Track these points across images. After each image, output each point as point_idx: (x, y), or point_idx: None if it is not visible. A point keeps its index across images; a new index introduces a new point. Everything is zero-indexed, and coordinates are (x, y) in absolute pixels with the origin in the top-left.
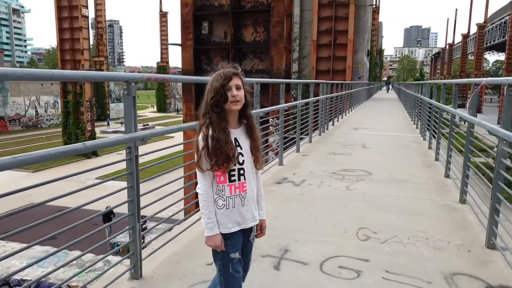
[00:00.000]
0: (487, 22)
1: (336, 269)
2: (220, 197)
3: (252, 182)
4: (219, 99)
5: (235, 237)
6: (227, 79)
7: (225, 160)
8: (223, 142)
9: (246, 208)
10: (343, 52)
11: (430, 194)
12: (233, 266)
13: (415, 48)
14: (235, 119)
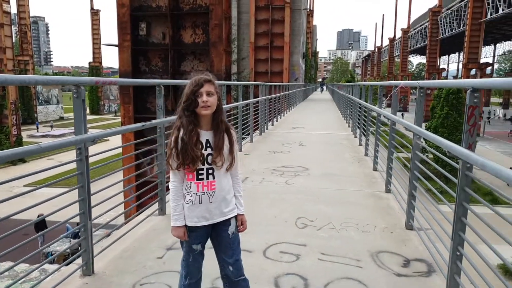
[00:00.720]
0: (410, 27)
1: (278, 254)
2: (188, 193)
3: (223, 181)
4: (190, 104)
5: (199, 231)
6: (198, 85)
7: (191, 161)
8: (190, 144)
9: (214, 205)
10: (280, 54)
11: (360, 185)
12: (193, 256)
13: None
14: (208, 122)
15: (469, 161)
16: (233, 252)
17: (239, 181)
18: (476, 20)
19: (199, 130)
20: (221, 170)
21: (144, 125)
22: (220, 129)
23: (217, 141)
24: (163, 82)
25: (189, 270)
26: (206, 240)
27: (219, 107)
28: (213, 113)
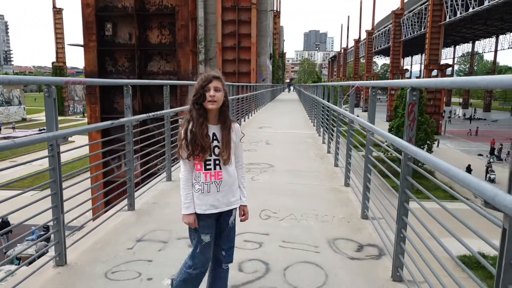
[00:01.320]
0: (375, 29)
1: (242, 242)
2: (197, 182)
3: (229, 171)
4: (199, 98)
5: (208, 220)
6: (206, 81)
7: (201, 150)
8: (199, 135)
9: (221, 194)
10: (247, 55)
11: (322, 180)
12: (201, 248)
13: (314, 52)
14: (215, 117)
15: (408, 152)
16: (228, 240)
17: (243, 173)
18: (436, 23)
19: (207, 124)
20: (224, 164)
21: (113, 123)
22: (227, 123)
23: (223, 134)
24: (131, 82)
25: (195, 262)
26: (213, 231)
27: (225, 103)
28: (220, 108)
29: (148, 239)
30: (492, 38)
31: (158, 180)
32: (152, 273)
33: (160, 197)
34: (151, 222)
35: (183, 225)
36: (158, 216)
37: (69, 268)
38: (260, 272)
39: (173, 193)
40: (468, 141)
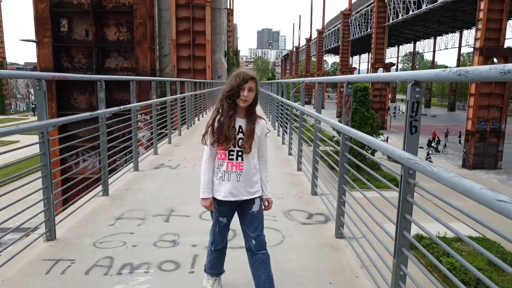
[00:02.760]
0: (325, 28)
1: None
2: (219, 170)
3: (251, 164)
4: (233, 94)
5: (226, 206)
6: (243, 80)
7: (225, 140)
8: (226, 126)
9: (241, 184)
10: (202, 52)
11: (278, 166)
12: (219, 227)
13: (267, 50)
14: (243, 111)
15: (345, 132)
16: (255, 228)
17: (266, 167)
18: (381, 24)
19: (235, 117)
20: (249, 154)
21: (92, 114)
22: (253, 118)
23: (249, 128)
24: (104, 78)
25: (215, 238)
26: (232, 215)
27: (255, 101)
28: (249, 105)
29: (127, 217)
30: (431, 39)
31: (126, 170)
32: (135, 241)
33: (131, 184)
34: (126, 205)
35: (157, 205)
36: (132, 199)
37: (59, 242)
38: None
39: (142, 181)
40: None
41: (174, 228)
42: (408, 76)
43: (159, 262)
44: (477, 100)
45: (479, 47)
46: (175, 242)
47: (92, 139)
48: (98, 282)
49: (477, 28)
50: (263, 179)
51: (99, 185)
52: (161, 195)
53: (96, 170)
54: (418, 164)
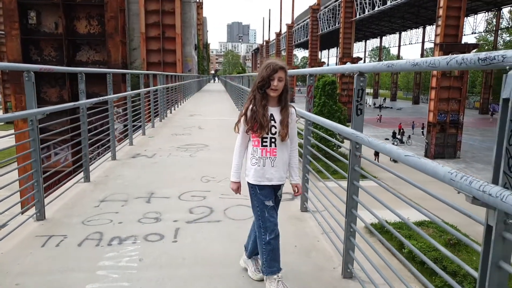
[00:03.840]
0: (294, 23)
1: (190, 197)
2: (254, 157)
3: (282, 150)
4: (264, 85)
5: (266, 189)
6: (273, 71)
7: (259, 127)
8: (260, 114)
9: (275, 169)
10: (172, 46)
11: None
12: (268, 211)
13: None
14: (275, 100)
15: (308, 118)
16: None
17: (296, 153)
18: (348, 19)
19: (268, 106)
20: (282, 140)
21: (75, 104)
22: (286, 107)
23: (282, 116)
24: (84, 70)
25: (267, 225)
26: (273, 198)
27: (286, 90)
28: (280, 94)
29: (110, 199)
30: (396, 34)
31: (104, 159)
32: (121, 219)
33: (110, 172)
34: (108, 189)
35: (138, 189)
36: (112, 185)
37: (49, 221)
38: (206, 213)
39: (120, 169)
40: (376, 127)
41: (155, 208)
42: (354, 68)
43: (145, 234)
44: (437, 93)
45: (439, 42)
46: (157, 218)
47: (64, 132)
48: (91, 251)
49: (437, 24)
50: (292, 165)
51: (80, 172)
52: (140, 181)
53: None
54: (360, 137)
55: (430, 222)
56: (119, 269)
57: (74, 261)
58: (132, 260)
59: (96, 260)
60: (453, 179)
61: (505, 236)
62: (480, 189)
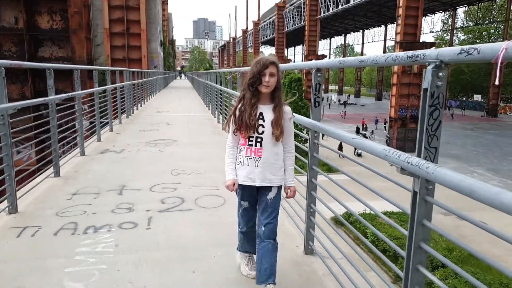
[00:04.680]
0: (260, 20)
1: (161, 189)
2: (239, 155)
3: (271, 150)
4: (255, 81)
5: (246, 190)
6: (264, 66)
7: (246, 127)
8: (247, 114)
9: (259, 169)
10: (137, 42)
11: (218, 148)
12: (242, 211)
13: (204, 40)
14: (267, 97)
15: None
16: (268, 215)
17: (291, 154)
18: (313, 16)
19: (258, 104)
20: (271, 140)
21: (45, 99)
22: (279, 105)
23: (275, 115)
24: (53, 66)
25: (239, 221)
26: (253, 199)
27: (278, 86)
28: (273, 91)
29: (82, 192)
30: (360, 32)
31: (72, 155)
32: (94, 210)
33: (79, 167)
34: (79, 183)
35: (109, 183)
36: (83, 179)
37: (22, 214)
38: (177, 203)
39: (90, 164)
40: (341, 123)
41: (128, 199)
42: (312, 65)
43: (119, 223)
44: (398, 90)
45: (399, 40)
46: (130, 209)
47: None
48: (68, 240)
49: (397, 23)
50: (287, 166)
51: (49, 168)
52: (110, 175)
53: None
54: (317, 126)
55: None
56: (96, 254)
57: (51, 249)
58: (108, 246)
59: (73, 247)
60: (387, 155)
61: (426, 199)
62: (405, 161)
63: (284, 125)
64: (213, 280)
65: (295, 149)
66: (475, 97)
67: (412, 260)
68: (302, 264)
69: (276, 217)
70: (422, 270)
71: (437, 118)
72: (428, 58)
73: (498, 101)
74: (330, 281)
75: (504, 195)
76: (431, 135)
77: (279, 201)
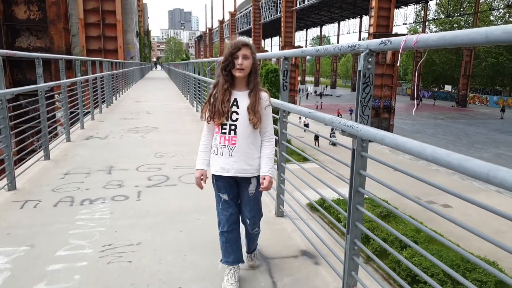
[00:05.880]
0: (237, 11)
1: (146, 169)
2: (214, 144)
3: (247, 139)
4: (227, 65)
5: (222, 181)
6: (236, 48)
7: (218, 115)
8: (219, 101)
9: (234, 159)
10: (113, 32)
11: (198, 135)
12: (221, 204)
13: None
14: (242, 83)
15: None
16: (250, 209)
17: (271, 145)
18: (289, 8)
19: (232, 90)
20: (246, 128)
21: (36, 86)
22: (255, 90)
23: (250, 100)
24: (42, 56)
25: (219, 218)
26: (232, 191)
27: (253, 70)
28: (248, 75)
29: (73, 172)
30: (335, 23)
31: (59, 141)
32: (87, 186)
33: (67, 151)
34: (69, 165)
35: (97, 164)
36: (73, 161)
37: (21, 191)
38: (163, 180)
39: (76, 149)
40: None
41: (117, 177)
42: (280, 54)
43: (112, 196)
44: None
45: (372, 32)
46: (120, 185)
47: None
48: (67, 210)
49: (371, 15)
50: (263, 155)
51: (39, 152)
52: (98, 158)
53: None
54: (285, 106)
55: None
56: (95, 220)
57: (53, 217)
58: (104, 214)
59: (73, 215)
60: (332, 121)
61: (362, 154)
62: (344, 124)
63: (261, 112)
64: (198, 237)
65: None
66: (446, 87)
67: (353, 202)
68: (273, 224)
69: (260, 209)
70: (361, 209)
71: (369, 92)
72: (361, 47)
73: (468, 91)
74: (297, 236)
75: (430, 148)
76: (364, 105)
77: (261, 193)
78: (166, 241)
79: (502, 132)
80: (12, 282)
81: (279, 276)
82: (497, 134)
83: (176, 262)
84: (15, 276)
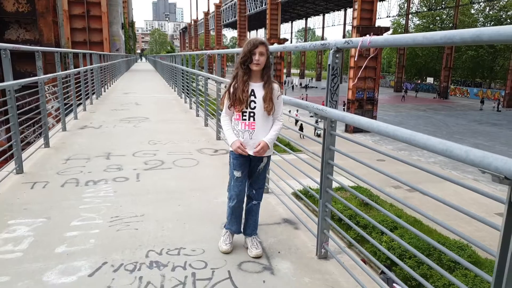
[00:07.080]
0: (222, 2)
1: (142, 154)
2: (235, 129)
3: (263, 123)
4: (246, 60)
5: (239, 159)
6: (254, 46)
7: (239, 103)
8: (240, 90)
9: (253, 141)
10: (99, 24)
11: (188, 124)
12: (235, 181)
13: (164, 22)
14: (257, 76)
15: None
16: (258, 182)
17: (277, 125)
18: (274, 0)
19: (249, 82)
20: (262, 114)
21: (38, 78)
22: (267, 82)
23: (265, 91)
24: (41, 49)
25: (231, 193)
26: (245, 169)
27: (267, 65)
28: (262, 69)
29: (74, 158)
30: (320, 16)
31: (55, 130)
32: (89, 170)
33: (64, 140)
34: (69, 152)
35: (95, 150)
36: (72, 148)
37: (28, 174)
38: (158, 164)
39: (73, 137)
40: None
41: (115, 162)
42: None
43: (113, 178)
44: (355, 73)
45: (356, 25)
46: (119, 168)
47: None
48: (74, 190)
49: (354, 8)
50: (270, 131)
51: (40, 139)
52: (95, 145)
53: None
54: None
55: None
56: (100, 197)
57: (62, 195)
58: (108, 192)
59: (80, 193)
60: (308, 106)
61: (331, 133)
62: (316, 108)
63: (274, 101)
64: (194, 211)
65: None
66: (428, 79)
67: (324, 171)
68: None
69: (264, 183)
70: (330, 177)
71: (336, 82)
72: (331, 45)
73: (449, 83)
74: (280, 208)
75: (376, 123)
76: (333, 93)
77: (267, 169)
78: (166, 213)
79: (480, 123)
80: (37, 245)
81: (265, 237)
82: (476, 125)
83: (177, 229)
84: (38, 240)
